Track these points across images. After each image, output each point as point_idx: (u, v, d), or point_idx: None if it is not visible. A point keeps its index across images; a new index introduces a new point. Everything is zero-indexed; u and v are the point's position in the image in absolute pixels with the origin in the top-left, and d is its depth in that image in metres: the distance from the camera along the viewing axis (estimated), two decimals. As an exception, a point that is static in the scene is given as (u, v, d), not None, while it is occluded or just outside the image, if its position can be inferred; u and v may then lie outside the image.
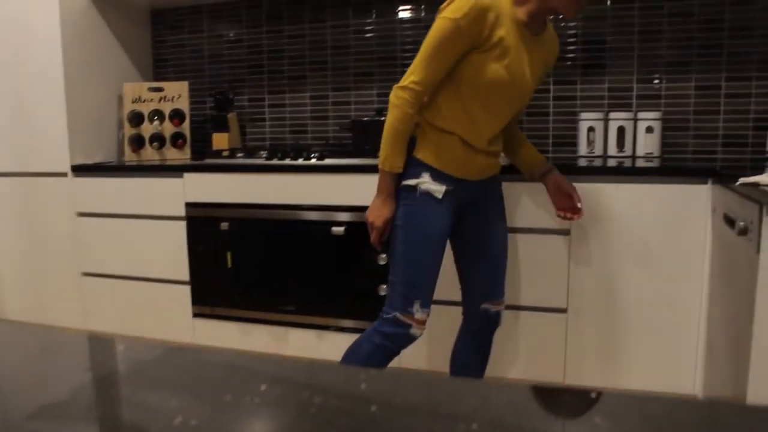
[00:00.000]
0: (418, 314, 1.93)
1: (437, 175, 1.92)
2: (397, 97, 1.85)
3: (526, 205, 2.47)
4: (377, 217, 1.93)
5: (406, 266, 1.93)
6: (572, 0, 1.83)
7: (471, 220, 2.05)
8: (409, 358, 2.69)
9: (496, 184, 2.10)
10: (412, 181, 1.92)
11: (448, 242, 2.07)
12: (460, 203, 1.99)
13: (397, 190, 1.94)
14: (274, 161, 2.85)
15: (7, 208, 3.40)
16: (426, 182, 1.91)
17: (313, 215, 2.74)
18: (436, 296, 2.50)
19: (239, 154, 3.08)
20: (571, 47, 2.99)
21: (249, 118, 3.59)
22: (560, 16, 1.90)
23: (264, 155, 2.97)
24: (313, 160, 2.79)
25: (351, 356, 1.98)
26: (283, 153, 2.92)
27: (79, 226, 3.23)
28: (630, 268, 2.39)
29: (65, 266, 3.30)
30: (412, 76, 1.83)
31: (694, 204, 2.30)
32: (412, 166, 1.93)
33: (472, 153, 1.93)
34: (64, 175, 3.23)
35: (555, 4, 1.84)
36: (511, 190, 2.47)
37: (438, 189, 1.91)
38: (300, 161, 2.80)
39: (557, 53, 2.08)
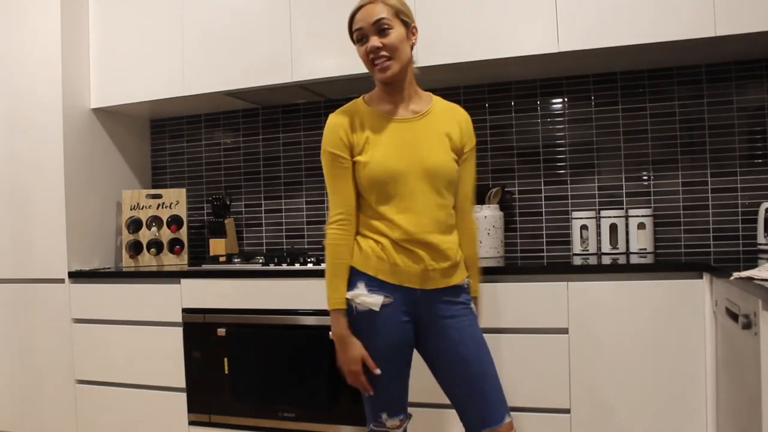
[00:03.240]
0: (389, 422, 1.90)
1: (371, 283, 1.85)
2: (328, 234, 1.88)
3: (519, 303, 2.47)
4: (344, 363, 1.86)
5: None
6: (370, 68, 1.88)
7: (432, 336, 1.90)
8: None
9: (459, 304, 1.91)
10: (348, 294, 1.86)
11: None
12: (409, 312, 1.87)
13: None
14: (271, 267, 2.87)
15: (2, 314, 3.37)
16: (361, 294, 1.84)
17: (310, 320, 2.73)
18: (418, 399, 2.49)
19: (236, 260, 3.10)
20: (561, 149, 3.08)
21: (246, 223, 3.63)
22: (388, 85, 1.94)
23: (260, 261, 2.99)
24: (310, 266, 2.81)
25: None
26: (280, 258, 2.94)
27: (75, 333, 3.20)
28: (631, 366, 2.37)
29: (59, 374, 3.25)
30: (332, 209, 1.89)
31: (690, 298, 2.31)
32: (351, 277, 1.89)
33: (405, 252, 1.84)
34: (61, 281, 3.23)
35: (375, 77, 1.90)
36: (502, 290, 2.48)
37: (374, 302, 1.83)
38: (296, 266, 2.82)
39: (463, 118, 1.98)
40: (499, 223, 2.96)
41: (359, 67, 2.89)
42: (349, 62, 2.89)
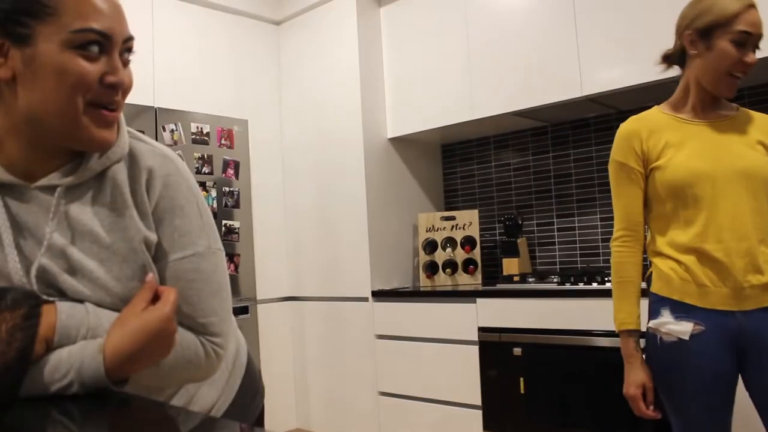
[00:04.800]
0: None
1: (677, 308, 1.66)
2: (612, 252, 1.79)
3: None
4: (626, 386, 1.74)
5: (681, 425, 1.69)
6: (723, 78, 1.65)
7: (759, 367, 1.64)
8: None
9: None
10: (651, 323, 1.70)
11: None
12: (727, 340, 1.64)
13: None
14: (567, 286, 2.80)
15: (316, 329, 3.75)
16: (667, 322, 1.65)
17: (605, 342, 2.60)
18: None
19: (530, 279, 3.08)
20: None
21: (538, 242, 3.60)
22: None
23: (555, 280, 2.93)
24: (608, 285, 2.68)
25: None
26: (575, 277, 2.85)
27: (378, 348, 3.42)
28: None
29: (364, 384, 3.50)
30: (615, 225, 1.78)
31: None
32: (651, 303, 1.73)
33: (714, 269, 1.63)
34: (366, 299, 3.48)
35: (710, 88, 1.69)
36: None
37: (682, 330, 1.63)
38: (594, 285, 2.71)
39: None
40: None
41: (650, 75, 2.74)
42: (638, 72, 2.75)
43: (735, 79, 1.67)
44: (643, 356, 1.75)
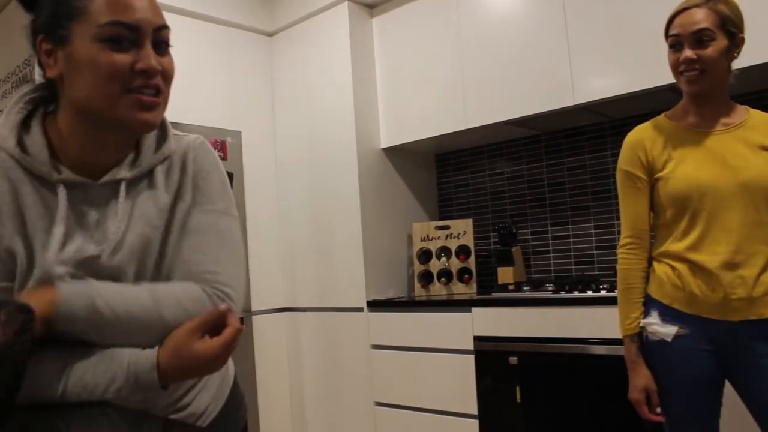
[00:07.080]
0: None
1: (665, 312, 1.73)
2: (618, 259, 1.84)
3: None
4: (630, 390, 1.82)
5: (666, 424, 1.76)
6: (678, 78, 1.74)
7: (745, 376, 1.69)
8: None
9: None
10: (641, 322, 1.78)
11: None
12: (710, 346, 1.69)
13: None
14: (561, 294, 2.80)
15: (311, 340, 3.73)
16: (653, 323, 1.74)
17: (603, 350, 2.60)
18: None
19: (525, 288, 3.08)
20: None
21: (533, 250, 3.60)
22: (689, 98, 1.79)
23: (550, 288, 2.94)
24: (603, 293, 2.69)
25: None
26: (570, 285, 2.86)
27: (373, 358, 3.41)
28: None
29: (360, 395, 3.49)
30: (622, 232, 1.84)
31: None
32: (645, 303, 1.80)
33: (705, 279, 1.67)
34: (361, 310, 3.47)
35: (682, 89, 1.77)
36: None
37: (666, 332, 1.70)
38: (589, 293, 2.72)
39: None
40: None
41: (641, 84, 2.75)
42: (630, 80, 2.75)
43: (689, 75, 1.71)
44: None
